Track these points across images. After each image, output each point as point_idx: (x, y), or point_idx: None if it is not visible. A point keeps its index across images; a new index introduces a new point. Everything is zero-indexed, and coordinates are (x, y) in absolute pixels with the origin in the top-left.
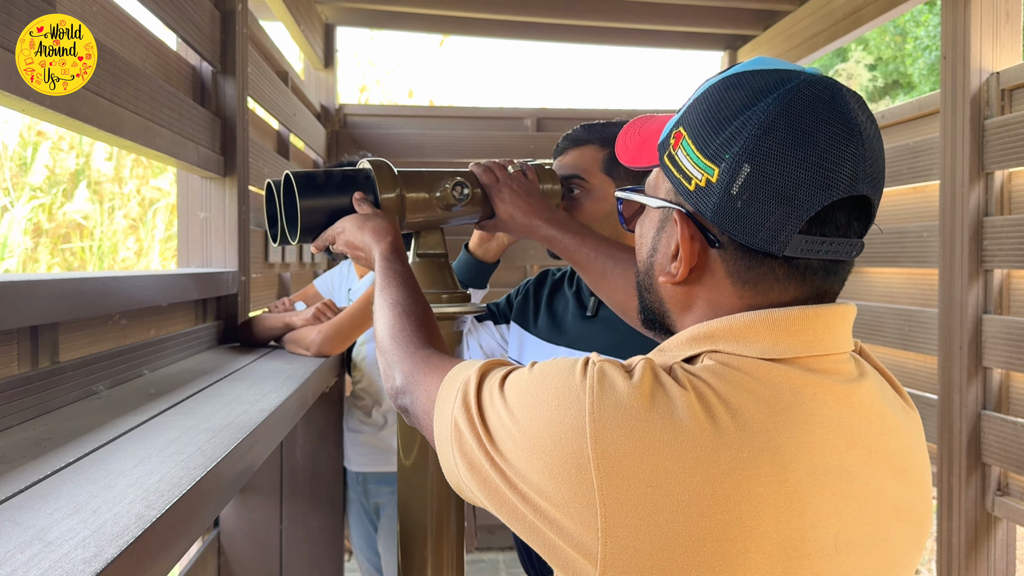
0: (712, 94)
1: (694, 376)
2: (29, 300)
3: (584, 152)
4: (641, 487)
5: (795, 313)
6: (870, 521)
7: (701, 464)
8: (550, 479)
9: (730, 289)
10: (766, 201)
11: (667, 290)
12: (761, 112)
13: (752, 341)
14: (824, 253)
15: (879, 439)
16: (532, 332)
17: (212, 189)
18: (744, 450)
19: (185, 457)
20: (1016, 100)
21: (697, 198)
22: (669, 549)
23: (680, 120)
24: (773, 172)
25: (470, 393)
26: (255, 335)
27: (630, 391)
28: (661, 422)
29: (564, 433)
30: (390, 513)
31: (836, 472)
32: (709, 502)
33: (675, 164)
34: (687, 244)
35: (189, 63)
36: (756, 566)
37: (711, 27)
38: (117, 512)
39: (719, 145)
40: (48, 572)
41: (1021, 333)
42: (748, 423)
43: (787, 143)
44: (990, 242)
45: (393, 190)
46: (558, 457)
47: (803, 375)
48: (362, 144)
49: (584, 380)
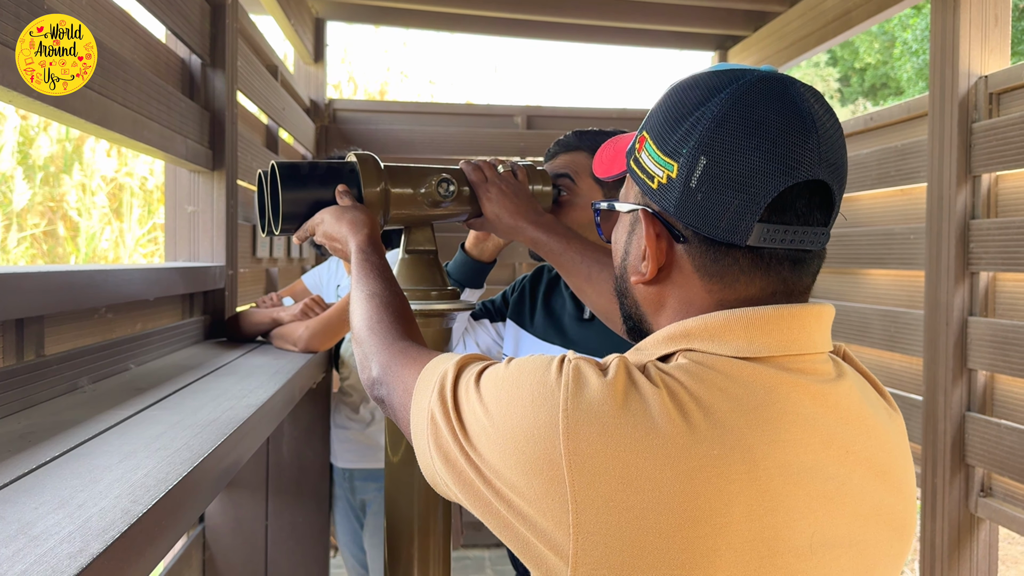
0: (670, 96)
1: (667, 375)
2: (15, 293)
3: (575, 157)
4: (612, 484)
5: (769, 312)
6: (847, 522)
7: (672, 461)
8: (522, 475)
9: (698, 284)
10: (724, 191)
11: (639, 291)
12: (715, 107)
13: (726, 340)
14: (788, 242)
15: (857, 440)
16: (528, 330)
17: (200, 183)
18: (715, 447)
19: (171, 452)
20: (1004, 103)
21: (660, 195)
22: (640, 545)
23: (644, 125)
24: (728, 162)
25: (447, 386)
26: (243, 330)
27: (603, 389)
28: (633, 420)
29: (537, 430)
30: (376, 510)
31: (811, 471)
32: (680, 499)
33: (639, 166)
34: (653, 242)
35: (178, 56)
36: (727, 563)
37: (702, 27)
38: (103, 507)
39: (676, 141)
40: (32, 567)
41: (1006, 335)
42: (720, 421)
43: (740, 133)
44: (976, 245)
45: (377, 184)
46: (531, 454)
47: (777, 374)
48: (351, 139)
49: (559, 378)
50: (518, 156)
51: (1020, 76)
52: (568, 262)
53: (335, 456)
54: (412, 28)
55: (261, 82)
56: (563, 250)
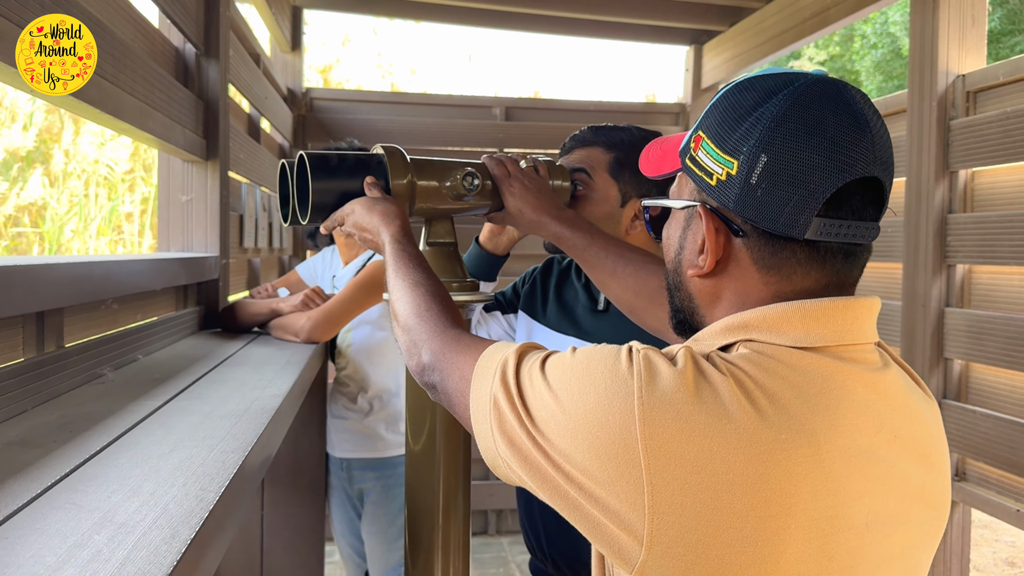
0: (727, 98)
1: (732, 364)
2: (41, 285)
3: (591, 152)
4: (688, 467)
5: (826, 304)
6: (896, 502)
7: (744, 445)
8: (595, 459)
9: (756, 276)
10: (784, 187)
11: (695, 284)
12: (773, 107)
13: (784, 331)
14: (843, 236)
15: (903, 425)
16: (541, 321)
17: (194, 173)
18: (783, 432)
19: (218, 441)
20: (980, 102)
21: (719, 192)
22: (714, 524)
23: (699, 125)
24: (788, 159)
25: (509, 373)
26: (239, 321)
27: (675, 378)
28: (706, 407)
29: (612, 416)
30: (375, 499)
31: (866, 454)
32: (752, 480)
33: (696, 164)
34: (712, 236)
35: (172, 44)
36: (795, 540)
37: (677, 21)
38: (175, 495)
39: (736, 140)
40: (132, 553)
41: (982, 325)
42: (785, 407)
43: (799, 132)
44: (953, 238)
45: (404, 176)
46: (605, 438)
47: (833, 363)
48: (329, 129)
49: (631, 367)
50: (496, 147)
51: (997, 76)
52: (592, 257)
53: (331, 446)
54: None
55: (248, 71)
56: (587, 245)
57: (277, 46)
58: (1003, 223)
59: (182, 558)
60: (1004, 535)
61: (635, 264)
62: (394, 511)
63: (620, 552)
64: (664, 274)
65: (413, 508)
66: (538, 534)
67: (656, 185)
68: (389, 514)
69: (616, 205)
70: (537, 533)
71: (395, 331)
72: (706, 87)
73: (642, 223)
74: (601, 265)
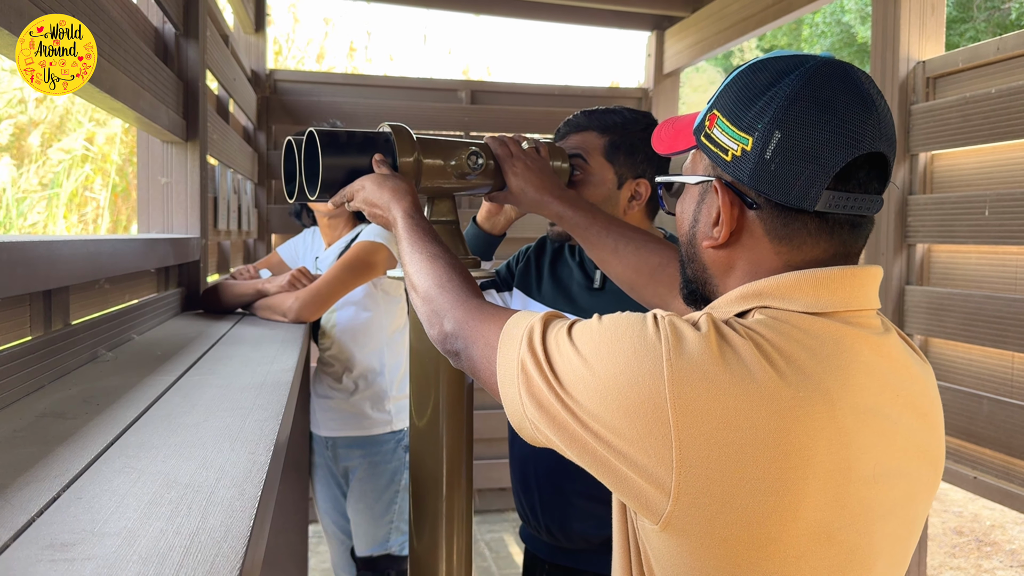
0: (740, 78)
1: (749, 328)
2: (51, 262)
3: (586, 137)
4: (714, 423)
5: (835, 272)
6: (898, 457)
7: (765, 403)
8: (624, 418)
9: (768, 247)
10: (796, 161)
11: (709, 255)
12: (786, 87)
13: (796, 297)
14: (850, 208)
15: (904, 385)
16: (536, 298)
17: (174, 154)
18: (801, 391)
19: (246, 411)
20: (940, 87)
21: (734, 167)
22: (738, 477)
23: (713, 104)
24: (801, 135)
25: (535, 339)
26: (223, 301)
27: (700, 341)
28: (729, 368)
29: (642, 377)
30: (362, 476)
31: (873, 412)
32: (774, 435)
33: (712, 141)
34: (727, 209)
35: (152, 24)
36: (812, 491)
37: (639, 7)
38: (228, 458)
39: (751, 118)
40: (209, 508)
41: (940, 302)
42: (801, 368)
43: (811, 110)
44: (913, 219)
45: (411, 154)
46: (634, 398)
47: (842, 327)
48: (293, 111)
49: (658, 332)
50: (462, 131)
51: (956, 62)
52: (594, 236)
53: (316, 425)
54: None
55: (219, 52)
56: (589, 224)
57: (241, 26)
58: (961, 204)
59: (257, 512)
60: (952, 506)
61: (636, 243)
62: (380, 488)
63: (647, 504)
64: (663, 252)
65: (418, 479)
66: (532, 503)
67: (651, 166)
68: (375, 491)
69: (613, 187)
70: (532, 502)
71: (413, 301)
72: (668, 72)
73: (639, 203)
74: (603, 243)
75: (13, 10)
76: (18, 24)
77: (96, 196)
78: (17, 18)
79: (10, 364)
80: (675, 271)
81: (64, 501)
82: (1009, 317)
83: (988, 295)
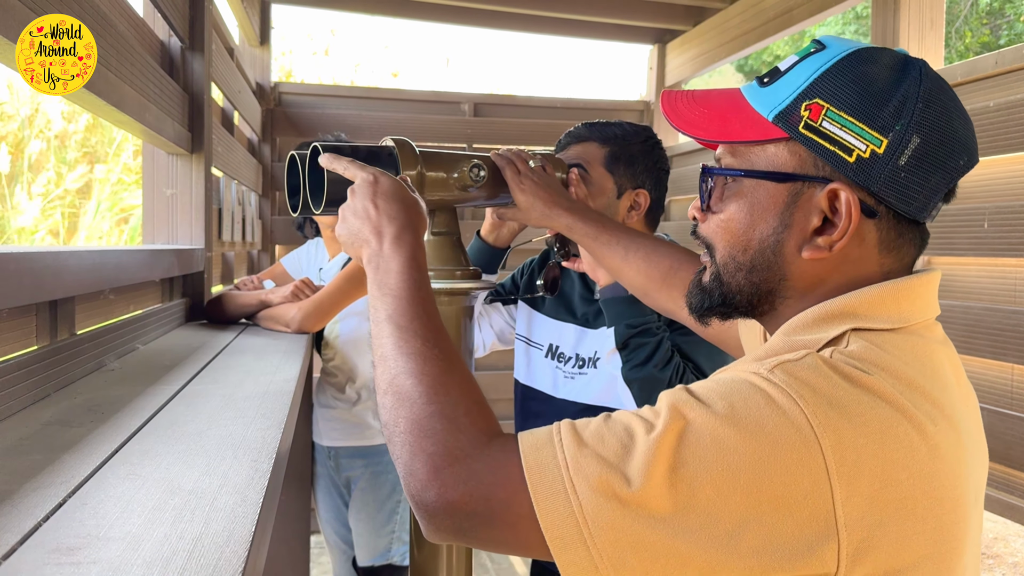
0: (851, 67)
1: (865, 361)
2: (57, 273)
3: (587, 147)
4: (876, 483)
5: (913, 281)
6: (981, 475)
7: (917, 443)
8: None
9: (875, 258)
10: (927, 170)
11: (802, 266)
12: (915, 85)
13: (882, 313)
14: (934, 217)
15: (969, 395)
16: (539, 310)
17: (179, 166)
18: (937, 422)
19: (251, 419)
20: None
21: (858, 169)
22: (907, 532)
23: (809, 91)
24: (936, 142)
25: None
26: (227, 312)
27: (847, 397)
28: (873, 411)
29: (806, 493)
30: (364, 486)
31: (968, 432)
32: (928, 478)
33: (823, 136)
34: (851, 217)
35: (158, 37)
36: (964, 527)
37: (641, 20)
38: (230, 467)
39: (888, 116)
40: (212, 514)
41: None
42: (926, 395)
43: (944, 115)
44: None
45: (414, 168)
46: (801, 515)
47: (924, 341)
48: (297, 123)
49: (806, 429)
50: (465, 143)
51: (955, 75)
52: (604, 245)
53: (318, 435)
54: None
55: (225, 64)
56: (598, 233)
57: (246, 40)
58: (960, 216)
59: (259, 518)
60: None
61: (645, 248)
62: (381, 498)
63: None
64: (673, 255)
65: None
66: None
67: (651, 175)
68: (377, 501)
69: (613, 197)
70: None
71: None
72: (669, 85)
73: (638, 213)
74: (613, 252)
75: (16, 20)
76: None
77: None
78: (20, 28)
79: (17, 373)
80: (687, 275)
81: (70, 507)
82: (1009, 329)
83: (988, 307)
